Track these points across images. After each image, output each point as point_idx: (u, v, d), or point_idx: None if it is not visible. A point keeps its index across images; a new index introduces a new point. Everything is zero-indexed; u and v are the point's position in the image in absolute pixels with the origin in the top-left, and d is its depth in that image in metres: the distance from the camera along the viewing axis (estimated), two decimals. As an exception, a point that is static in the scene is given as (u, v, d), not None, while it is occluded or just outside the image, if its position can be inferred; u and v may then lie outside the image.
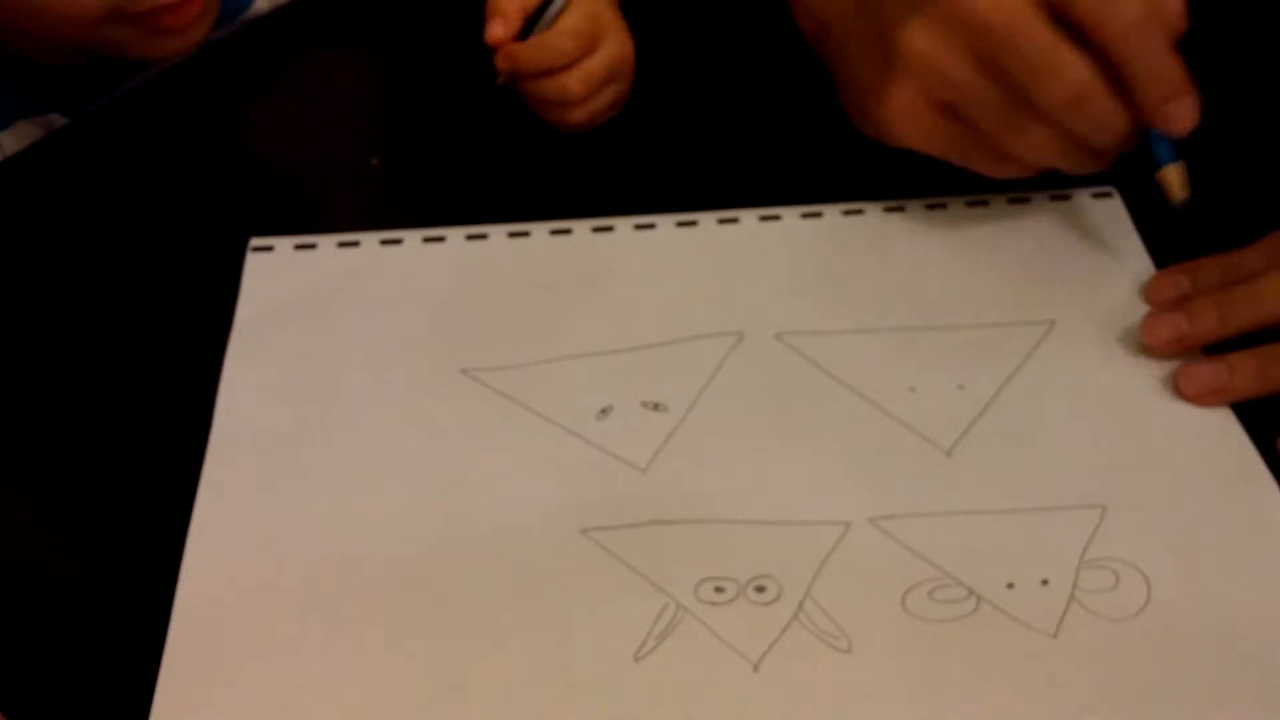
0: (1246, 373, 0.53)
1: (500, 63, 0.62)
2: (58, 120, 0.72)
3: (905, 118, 0.57)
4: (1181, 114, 0.54)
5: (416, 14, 0.75)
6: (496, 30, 0.63)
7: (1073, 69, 0.52)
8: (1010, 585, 0.48)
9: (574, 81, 0.63)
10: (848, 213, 0.62)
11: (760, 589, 0.48)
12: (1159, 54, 0.52)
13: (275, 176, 0.66)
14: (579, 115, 0.64)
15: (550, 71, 0.62)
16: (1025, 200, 0.62)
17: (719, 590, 0.48)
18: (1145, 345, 0.55)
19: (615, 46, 0.64)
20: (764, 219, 0.62)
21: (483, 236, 0.62)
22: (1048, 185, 0.63)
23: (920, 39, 0.55)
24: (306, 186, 0.65)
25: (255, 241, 0.61)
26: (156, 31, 0.59)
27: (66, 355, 0.58)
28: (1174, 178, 0.56)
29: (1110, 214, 0.62)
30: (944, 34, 0.54)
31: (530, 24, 0.63)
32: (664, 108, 0.62)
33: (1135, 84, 0.53)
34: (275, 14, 0.74)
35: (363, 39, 0.75)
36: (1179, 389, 0.54)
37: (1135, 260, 0.59)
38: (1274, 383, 0.53)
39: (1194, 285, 0.57)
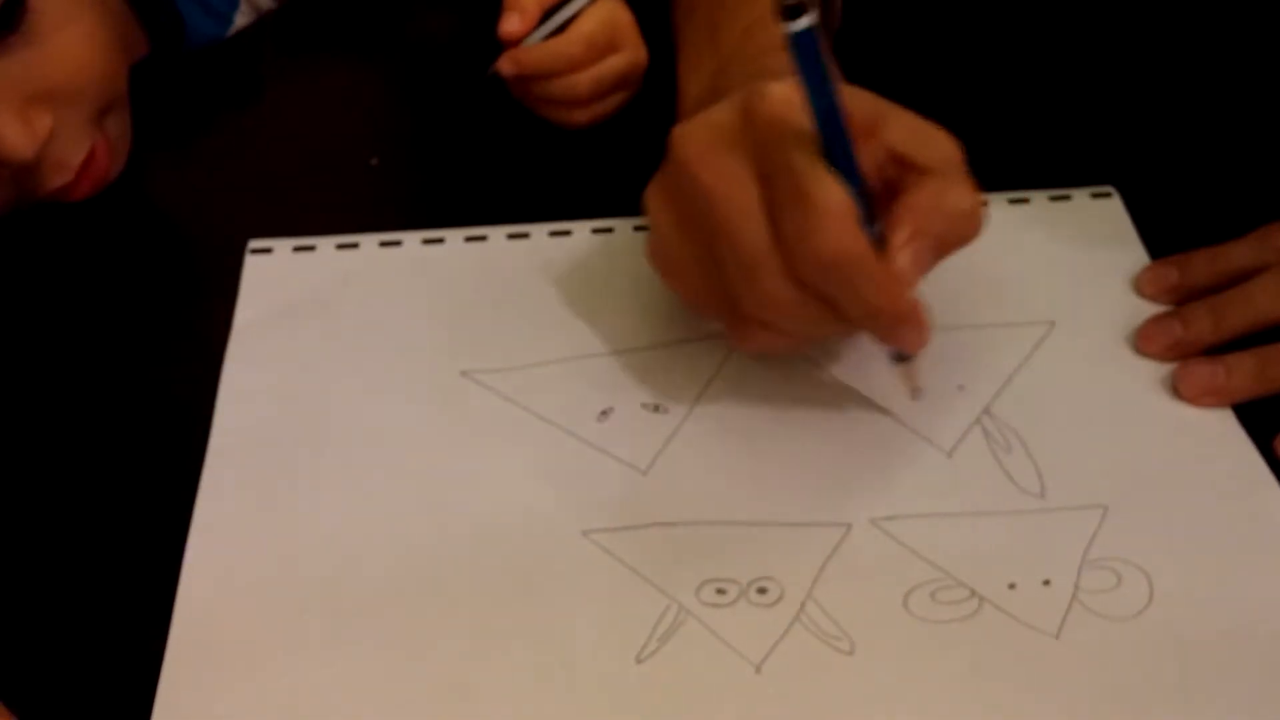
0: (1244, 373, 0.53)
1: (505, 66, 0.62)
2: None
3: (658, 267, 0.53)
4: (907, 343, 0.48)
5: (416, 15, 0.75)
6: (512, 25, 0.61)
7: (768, 285, 0.47)
8: (1012, 586, 0.48)
9: (584, 83, 0.62)
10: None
11: (762, 590, 0.48)
12: (865, 288, 0.46)
13: (275, 177, 0.66)
14: (582, 116, 0.64)
15: (556, 75, 0.62)
16: (1025, 200, 0.62)
17: (721, 592, 0.48)
18: (1142, 351, 0.55)
19: (630, 54, 0.64)
20: (763, 220, 0.62)
21: (482, 238, 0.62)
22: (1048, 185, 0.63)
23: (655, 199, 0.51)
24: (306, 188, 0.65)
25: (254, 243, 0.61)
26: (62, 197, 0.60)
27: (66, 358, 0.58)
28: (909, 374, 0.52)
29: (1110, 214, 0.62)
30: (674, 204, 0.50)
31: (544, 19, 0.62)
32: (664, 109, 0.62)
33: (846, 316, 0.47)
34: (274, 16, 0.74)
35: (362, 40, 0.75)
36: (1177, 389, 0.54)
37: (1134, 260, 0.59)
38: (1272, 383, 0.53)
39: (1182, 277, 0.57)
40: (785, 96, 0.46)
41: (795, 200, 0.45)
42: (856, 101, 0.48)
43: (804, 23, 0.44)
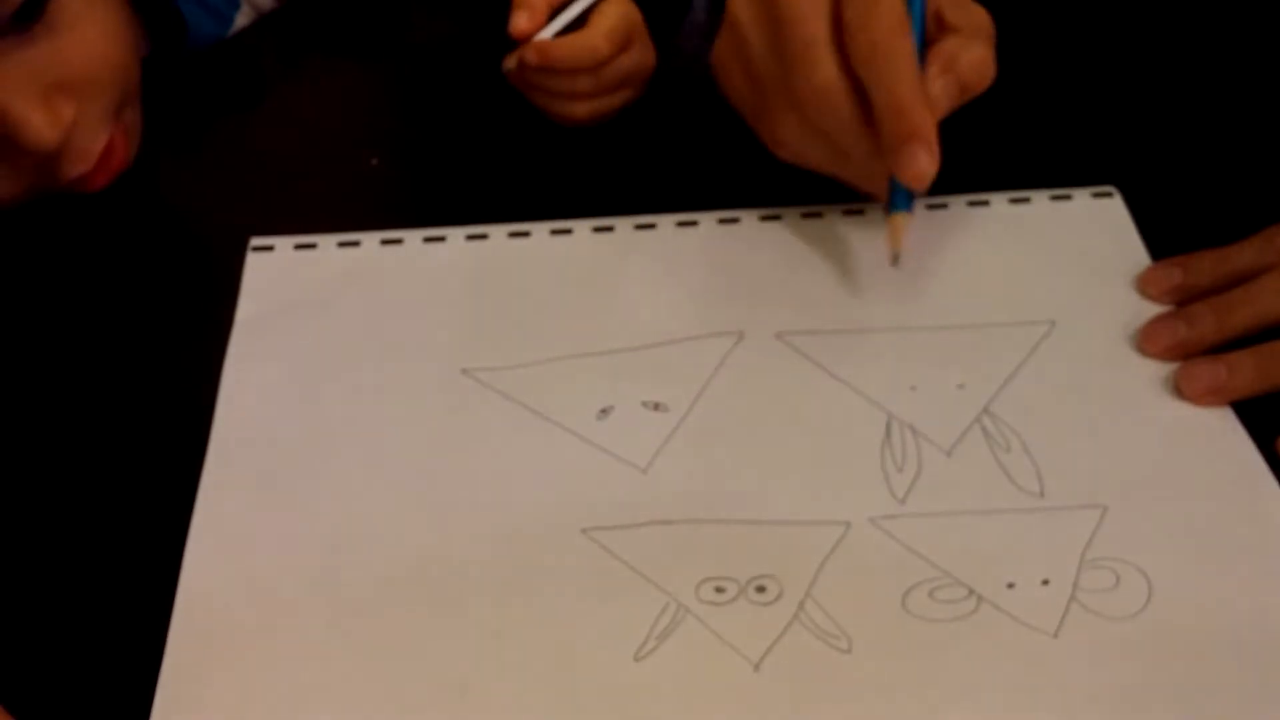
0: (1246, 371, 0.53)
1: (530, 56, 0.61)
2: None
3: (720, 69, 0.59)
4: (914, 165, 0.52)
5: (416, 15, 0.75)
6: (521, 22, 0.61)
7: (820, 68, 0.53)
8: (1011, 585, 0.48)
9: (586, 79, 0.62)
10: (848, 212, 0.62)
11: (761, 589, 0.48)
12: (900, 82, 0.52)
13: (275, 176, 0.66)
14: (581, 111, 0.64)
15: (574, 71, 0.62)
16: (1025, 200, 0.62)
17: (719, 590, 0.48)
18: (1145, 350, 0.55)
19: (639, 55, 0.63)
20: (764, 219, 0.62)
21: (483, 236, 0.62)
22: (1049, 185, 0.63)
23: (737, 3, 0.57)
24: (306, 186, 0.65)
25: (255, 241, 0.61)
26: (80, 187, 0.60)
27: (67, 355, 0.58)
28: (894, 227, 0.55)
29: (1110, 214, 0.62)
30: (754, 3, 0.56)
31: (553, 17, 0.62)
32: (664, 108, 0.63)
33: (875, 111, 0.52)
34: (275, 15, 0.74)
35: (363, 41, 0.75)
36: (1179, 389, 0.54)
37: (1135, 260, 0.59)
38: (1273, 381, 0.53)
39: (1185, 278, 0.57)
40: None
41: None
42: None
43: None
